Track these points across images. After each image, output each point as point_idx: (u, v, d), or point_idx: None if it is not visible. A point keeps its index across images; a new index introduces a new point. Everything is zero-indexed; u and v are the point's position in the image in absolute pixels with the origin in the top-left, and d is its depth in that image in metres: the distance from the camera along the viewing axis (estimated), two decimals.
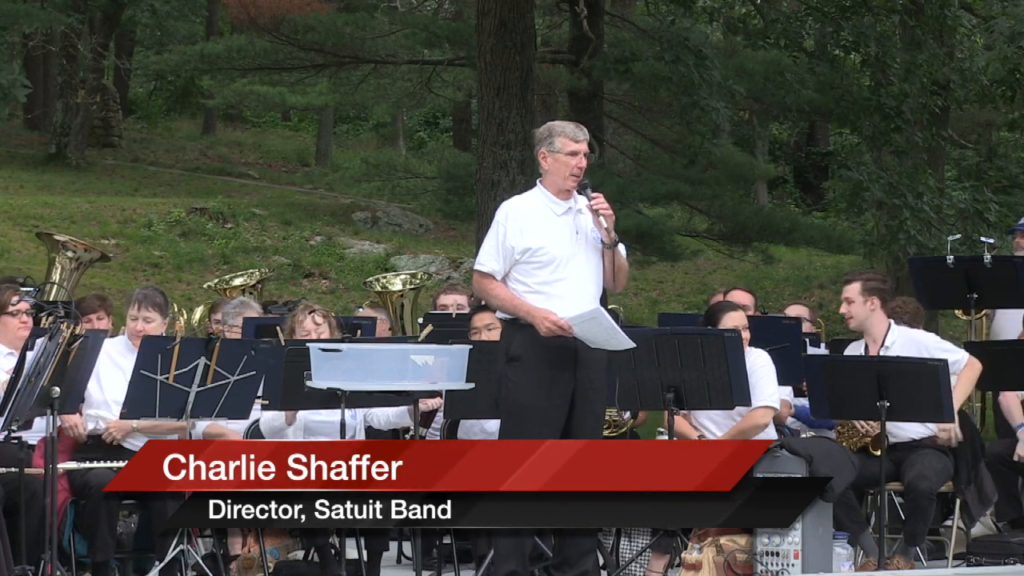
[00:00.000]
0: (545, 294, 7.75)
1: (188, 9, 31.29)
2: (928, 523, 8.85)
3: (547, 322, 7.64)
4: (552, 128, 7.92)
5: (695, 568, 8.22)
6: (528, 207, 7.88)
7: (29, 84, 19.66)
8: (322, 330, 9.01)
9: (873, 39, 17.11)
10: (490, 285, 7.83)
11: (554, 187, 7.87)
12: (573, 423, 7.77)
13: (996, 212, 16.37)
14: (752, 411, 8.74)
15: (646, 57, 17.48)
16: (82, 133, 28.90)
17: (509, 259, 7.79)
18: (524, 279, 7.79)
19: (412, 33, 21.89)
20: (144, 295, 8.84)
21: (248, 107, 32.61)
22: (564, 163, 7.80)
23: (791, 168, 34.43)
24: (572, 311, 7.71)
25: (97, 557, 8.16)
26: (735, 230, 22.52)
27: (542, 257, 7.76)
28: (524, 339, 7.69)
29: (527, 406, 7.69)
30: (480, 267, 7.88)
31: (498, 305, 7.88)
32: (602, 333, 7.70)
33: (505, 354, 7.80)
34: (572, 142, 7.81)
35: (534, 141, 7.99)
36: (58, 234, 14.13)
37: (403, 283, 14.11)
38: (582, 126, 8.03)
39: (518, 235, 7.77)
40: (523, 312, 7.71)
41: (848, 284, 9.13)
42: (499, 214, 7.91)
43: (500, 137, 15.47)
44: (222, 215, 25.02)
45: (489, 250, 7.85)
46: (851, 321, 9.10)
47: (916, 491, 8.70)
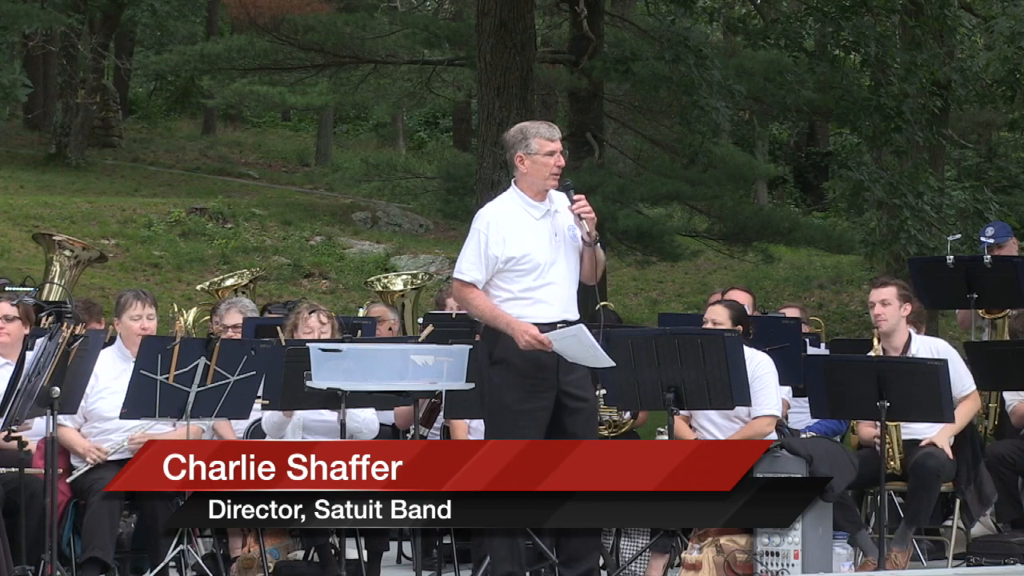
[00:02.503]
0: (529, 299, 7.67)
1: (188, 9, 31.24)
2: (932, 504, 8.81)
3: (527, 336, 7.54)
4: (525, 130, 7.76)
5: (695, 568, 8.21)
6: (507, 213, 7.75)
7: (29, 84, 19.71)
8: (325, 330, 9.02)
9: (873, 39, 17.11)
10: (471, 294, 7.72)
11: (532, 189, 7.75)
12: (566, 423, 7.70)
13: (996, 212, 16.37)
14: (756, 420, 8.72)
15: (646, 57, 17.48)
16: (82, 133, 28.91)
17: (492, 268, 7.68)
18: (507, 286, 7.70)
19: (412, 33, 21.89)
20: (140, 293, 8.79)
21: (248, 107, 32.63)
22: (543, 164, 7.68)
23: (791, 168, 34.43)
24: (555, 315, 7.66)
25: (96, 556, 8.14)
26: (735, 230, 22.51)
27: (526, 265, 7.67)
28: (507, 341, 7.62)
29: (511, 408, 7.62)
30: (461, 276, 7.76)
31: (478, 315, 7.77)
32: (582, 350, 7.61)
33: (488, 356, 7.71)
34: (548, 142, 7.69)
35: (505, 145, 7.85)
36: (56, 234, 14.14)
37: (404, 283, 14.12)
38: (553, 124, 7.95)
39: (501, 244, 7.67)
40: (503, 324, 7.60)
41: (884, 287, 9.06)
42: (478, 222, 7.79)
43: (500, 137, 15.46)
44: (222, 215, 25.03)
45: (470, 259, 7.73)
46: (884, 323, 9.00)
47: (923, 467, 8.67)
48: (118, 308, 8.70)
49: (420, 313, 13.28)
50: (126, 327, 8.62)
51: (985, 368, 9.20)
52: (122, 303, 8.69)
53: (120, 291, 9.06)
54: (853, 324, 22.41)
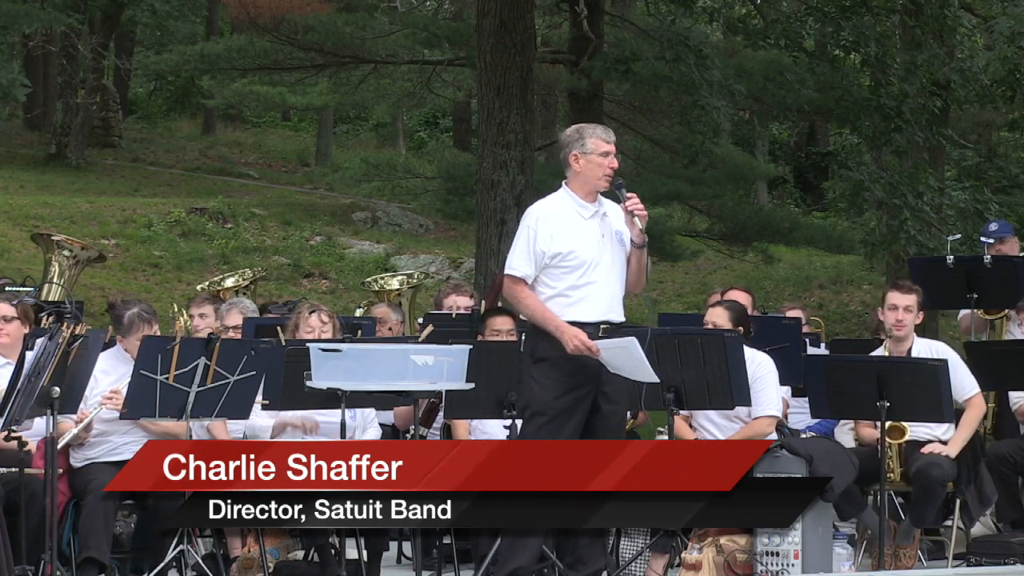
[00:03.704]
0: (572, 297, 7.75)
1: (188, 9, 31.27)
2: (936, 508, 8.83)
3: (576, 340, 7.62)
4: (582, 130, 7.93)
5: (695, 568, 8.21)
6: (557, 211, 7.86)
7: (29, 84, 19.70)
8: (326, 329, 9.02)
9: (873, 39, 17.11)
10: (522, 293, 7.80)
11: (583, 189, 7.87)
12: (596, 424, 7.78)
13: (996, 212, 16.36)
14: (756, 420, 8.73)
15: (646, 57, 17.48)
16: (82, 133, 28.91)
17: (540, 264, 7.78)
18: (552, 283, 7.78)
19: (412, 33, 21.89)
20: (143, 314, 8.71)
21: (248, 107, 32.62)
22: (597, 164, 7.81)
23: (791, 168, 34.45)
24: (598, 315, 7.73)
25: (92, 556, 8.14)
26: (735, 230, 22.54)
27: (572, 261, 7.76)
28: (553, 341, 7.70)
29: (553, 406, 7.70)
30: (512, 271, 7.84)
31: (528, 315, 7.86)
32: (629, 363, 7.67)
33: (531, 355, 7.82)
34: (604, 143, 7.84)
35: (560, 144, 7.98)
36: (55, 234, 14.15)
37: (400, 283, 14.14)
38: (608, 128, 8.08)
39: (548, 239, 7.76)
40: (552, 327, 7.69)
41: (908, 293, 9.02)
42: (528, 218, 7.91)
43: (500, 137, 15.47)
44: (222, 215, 25.03)
45: (520, 255, 7.82)
46: (903, 330, 9.01)
47: (928, 477, 8.68)
48: (123, 327, 8.67)
49: (417, 312, 13.28)
50: (132, 344, 8.60)
51: (985, 368, 9.21)
52: (126, 324, 8.65)
53: (120, 305, 8.98)
54: (853, 324, 22.41)
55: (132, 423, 8.37)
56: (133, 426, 8.40)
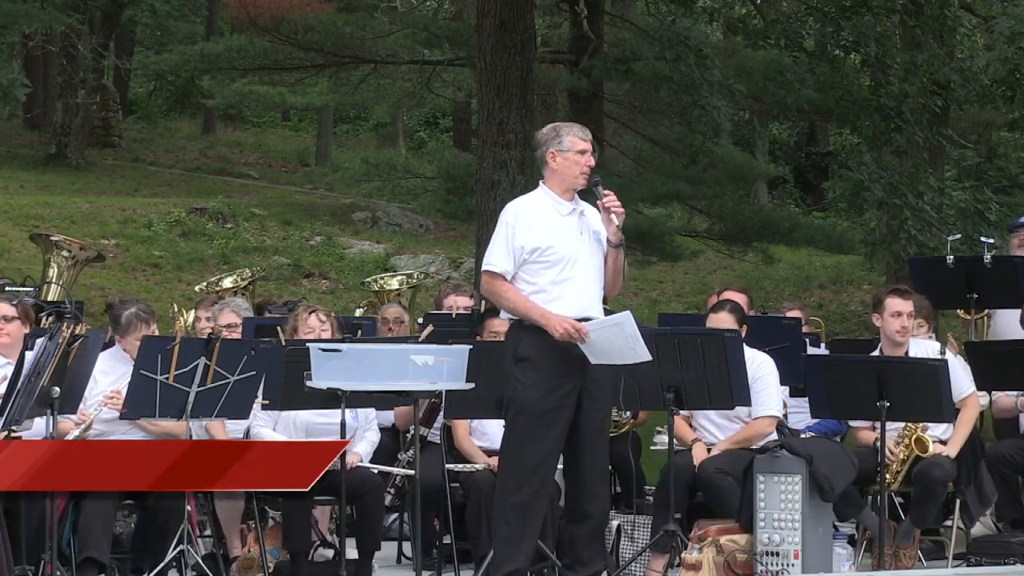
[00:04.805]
0: (552, 294, 7.71)
1: (188, 9, 31.29)
2: (937, 508, 8.83)
3: (563, 325, 7.59)
4: (559, 128, 7.93)
5: (695, 568, 8.21)
6: (535, 207, 7.85)
7: (29, 84, 19.69)
8: (325, 328, 9.02)
9: (873, 39, 17.11)
10: (501, 287, 7.76)
11: (561, 187, 7.85)
12: (580, 422, 7.74)
13: (996, 212, 16.36)
14: (756, 420, 8.73)
15: (646, 57, 17.48)
16: (82, 133, 28.92)
17: (518, 259, 7.74)
18: (531, 279, 7.75)
19: (412, 33, 21.89)
20: (141, 314, 8.69)
21: (248, 107, 32.64)
22: (574, 162, 7.80)
23: (791, 168, 34.44)
24: (577, 311, 7.68)
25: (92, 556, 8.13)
26: (735, 230, 22.52)
27: (551, 256, 7.73)
28: (532, 340, 7.66)
29: (536, 406, 7.65)
30: (490, 267, 7.80)
31: (509, 308, 7.80)
32: (621, 341, 7.60)
33: (513, 355, 7.75)
34: (581, 140, 7.83)
35: (537, 143, 7.96)
36: (53, 234, 14.15)
37: (399, 283, 14.15)
38: (585, 126, 8.06)
39: (527, 234, 7.74)
40: (536, 315, 7.65)
41: (909, 298, 9.02)
42: (506, 214, 7.88)
43: (500, 137, 15.46)
44: (222, 215, 25.04)
45: (498, 250, 7.79)
46: (905, 336, 9.01)
47: (929, 478, 8.69)
48: (121, 328, 8.66)
49: (417, 313, 13.28)
50: (131, 345, 8.59)
51: (985, 368, 9.20)
52: (124, 324, 8.65)
53: (118, 306, 8.98)
54: (853, 324, 22.40)
55: (132, 423, 8.37)
56: (133, 426, 8.40)
